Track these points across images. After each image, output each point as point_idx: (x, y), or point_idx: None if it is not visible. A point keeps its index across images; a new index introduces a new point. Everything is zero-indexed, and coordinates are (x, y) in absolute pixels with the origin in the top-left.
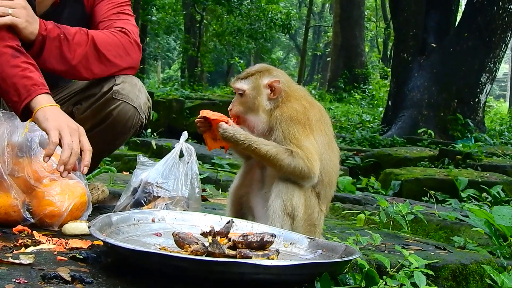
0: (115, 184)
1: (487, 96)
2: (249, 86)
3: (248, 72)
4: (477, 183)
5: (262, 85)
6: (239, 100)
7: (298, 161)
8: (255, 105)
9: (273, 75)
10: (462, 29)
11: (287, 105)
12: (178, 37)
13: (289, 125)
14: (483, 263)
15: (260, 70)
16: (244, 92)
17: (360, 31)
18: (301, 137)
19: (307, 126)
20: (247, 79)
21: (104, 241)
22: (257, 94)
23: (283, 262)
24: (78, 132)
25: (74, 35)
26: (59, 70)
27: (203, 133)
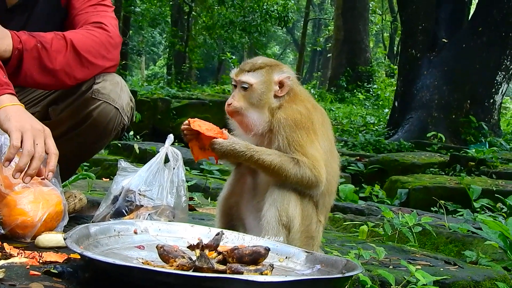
0: (93, 192)
1: (503, 97)
2: (257, 79)
3: (255, 64)
4: (491, 192)
5: (272, 81)
6: (242, 93)
7: (305, 170)
8: (262, 102)
9: (284, 71)
10: (476, 23)
11: (291, 106)
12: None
13: (293, 131)
14: (497, 279)
15: (270, 64)
16: (251, 86)
17: (364, 25)
18: (306, 144)
19: (311, 131)
20: (256, 72)
21: (81, 254)
22: (266, 89)
23: (278, 278)
24: (44, 134)
25: (52, 42)
26: (42, 83)
27: (189, 142)
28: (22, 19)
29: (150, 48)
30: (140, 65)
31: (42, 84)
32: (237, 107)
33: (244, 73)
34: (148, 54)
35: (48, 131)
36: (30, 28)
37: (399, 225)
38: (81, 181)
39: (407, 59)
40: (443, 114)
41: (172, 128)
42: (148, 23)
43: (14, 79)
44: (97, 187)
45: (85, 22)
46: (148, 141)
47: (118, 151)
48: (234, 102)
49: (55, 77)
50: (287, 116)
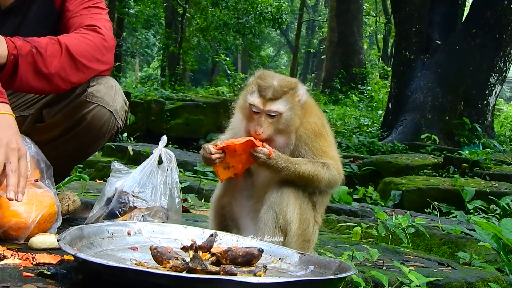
0: (87, 194)
1: (496, 98)
2: (286, 107)
3: (276, 90)
4: (485, 194)
5: (298, 103)
6: (270, 121)
7: (333, 172)
8: (290, 127)
9: (299, 88)
10: (470, 25)
11: (308, 119)
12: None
13: (314, 141)
14: (490, 281)
15: (291, 86)
16: (280, 115)
17: (358, 27)
18: (328, 149)
19: (326, 135)
20: (282, 99)
21: (74, 256)
22: (294, 114)
23: (271, 279)
24: (18, 153)
25: (47, 47)
26: (38, 88)
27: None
28: (16, 21)
29: (144, 50)
30: (134, 67)
31: (37, 89)
32: (267, 136)
33: (272, 102)
34: (142, 55)
35: (23, 151)
36: (24, 30)
37: (392, 226)
38: (75, 182)
39: (401, 61)
40: (437, 115)
41: (166, 130)
42: (142, 24)
43: (10, 84)
44: (90, 189)
45: (79, 25)
46: (141, 142)
47: (112, 153)
48: (265, 131)
49: (50, 82)
50: (306, 130)
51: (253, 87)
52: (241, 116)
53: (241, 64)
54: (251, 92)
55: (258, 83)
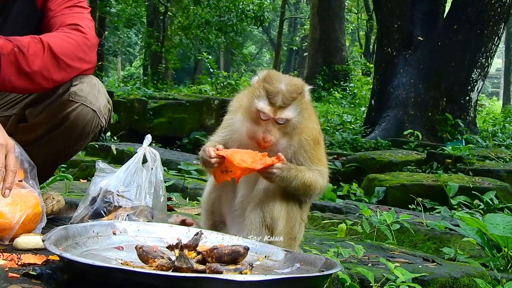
0: (71, 193)
1: (478, 94)
2: (295, 113)
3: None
4: (468, 189)
5: (304, 107)
6: (277, 127)
7: (325, 179)
8: (296, 130)
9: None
10: (451, 21)
11: (309, 125)
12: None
13: (313, 149)
14: (475, 276)
15: (298, 90)
16: (288, 121)
17: (340, 24)
18: (322, 156)
19: (322, 141)
20: (292, 105)
21: (60, 256)
22: (301, 118)
23: (257, 277)
24: (5, 149)
25: (29, 46)
26: (20, 87)
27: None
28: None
29: (126, 49)
30: (116, 66)
31: (20, 88)
32: (276, 140)
33: (281, 110)
34: (124, 54)
35: (11, 146)
36: (6, 30)
37: (377, 223)
38: (59, 182)
39: (383, 58)
40: (420, 112)
41: (149, 129)
42: (123, 23)
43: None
44: (74, 189)
45: (61, 24)
46: (125, 142)
47: (95, 152)
48: (273, 138)
49: (33, 81)
50: (308, 137)
51: (261, 91)
52: (243, 118)
53: (223, 62)
54: (258, 96)
55: (266, 88)
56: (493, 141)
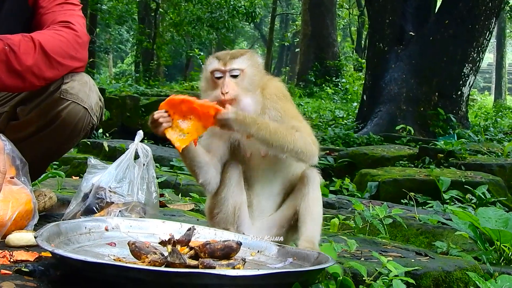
0: (63, 190)
1: (470, 89)
2: (247, 64)
3: (234, 53)
4: (460, 184)
5: (258, 62)
6: (234, 81)
7: (306, 137)
8: (254, 84)
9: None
10: (443, 16)
11: (272, 83)
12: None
13: (284, 102)
14: (467, 270)
15: (247, 51)
16: (242, 71)
17: (332, 19)
18: (297, 115)
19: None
20: (241, 58)
21: (52, 252)
22: (256, 71)
23: (250, 272)
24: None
25: (20, 44)
26: (11, 86)
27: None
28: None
29: (117, 46)
30: (108, 63)
31: (11, 86)
32: (234, 95)
33: (232, 61)
34: (115, 51)
35: (0, 147)
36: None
37: (370, 217)
38: (51, 179)
39: (375, 53)
40: (412, 107)
41: (141, 125)
42: (115, 20)
43: None
44: (66, 185)
45: (52, 22)
46: (117, 138)
47: (87, 149)
48: (230, 91)
49: (24, 79)
50: (276, 90)
51: (211, 58)
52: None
53: None
54: (210, 63)
55: (215, 55)
56: (485, 135)
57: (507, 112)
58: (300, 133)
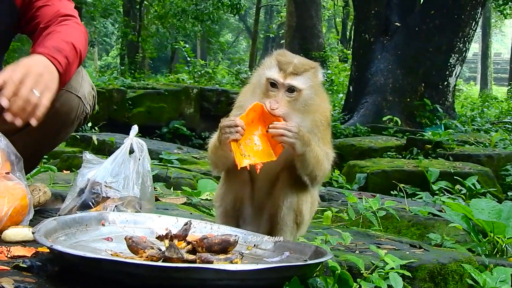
0: (56, 185)
1: (456, 79)
2: (307, 84)
3: (298, 66)
4: (449, 175)
5: (319, 83)
6: (288, 98)
7: (330, 162)
8: (309, 107)
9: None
10: (428, 6)
11: (323, 105)
12: (116, 20)
13: (325, 130)
14: (462, 261)
15: (312, 65)
16: (300, 91)
17: (317, 10)
18: (330, 139)
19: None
20: (303, 76)
21: (50, 248)
22: (314, 94)
23: (248, 266)
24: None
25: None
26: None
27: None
28: None
29: (102, 39)
30: (93, 56)
31: None
32: (283, 112)
33: (293, 76)
34: (100, 44)
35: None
36: None
37: (363, 209)
38: (42, 174)
39: (361, 44)
40: (398, 97)
41: (128, 119)
42: (99, 13)
43: None
44: (58, 180)
45: (56, 14)
46: (104, 132)
47: (76, 143)
48: (281, 108)
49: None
50: (322, 117)
51: (272, 62)
52: (254, 94)
53: (200, 51)
54: (269, 67)
55: (278, 59)
56: (472, 125)
57: (493, 102)
58: (328, 160)
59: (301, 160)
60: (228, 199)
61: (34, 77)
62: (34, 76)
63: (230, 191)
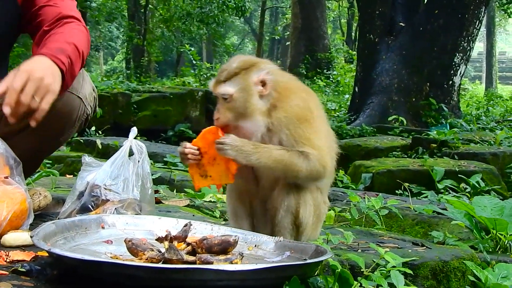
0: (58, 189)
1: (461, 78)
2: (236, 88)
3: (229, 71)
4: (454, 173)
5: (252, 84)
6: (225, 106)
7: (314, 163)
8: (249, 110)
9: (261, 67)
10: (433, 6)
11: (288, 102)
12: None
13: (297, 126)
14: (464, 259)
15: (245, 66)
16: (231, 97)
17: (322, 12)
18: (312, 136)
19: (312, 120)
20: (232, 80)
21: (49, 252)
22: (247, 95)
23: (248, 266)
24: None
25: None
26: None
27: (190, 167)
28: None
29: (107, 43)
30: (98, 61)
31: None
32: (225, 121)
33: (220, 84)
34: (106, 49)
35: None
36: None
37: (365, 209)
38: (45, 178)
39: (366, 45)
40: (403, 97)
41: (133, 122)
42: (104, 17)
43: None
44: (61, 184)
45: (58, 16)
46: (110, 136)
47: (80, 147)
48: (221, 116)
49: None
50: (287, 114)
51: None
52: None
53: (206, 54)
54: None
55: (221, 67)
56: (477, 124)
57: (498, 101)
58: (307, 160)
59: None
60: (234, 197)
61: (35, 83)
62: (35, 81)
63: (235, 189)
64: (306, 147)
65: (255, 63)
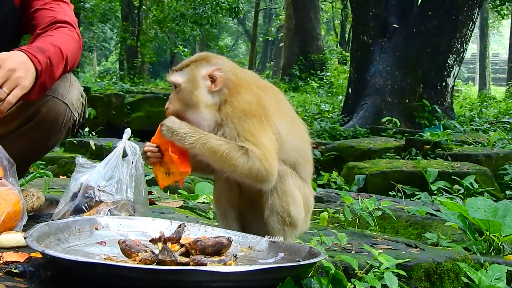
0: (51, 190)
1: (455, 80)
2: (184, 78)
3: (183, 63)
4: (448, 174)
5: (199, 77)
6: (176, 96)
7: (255, 161)
8: (193, 101)
9: (212, 63)
10: (426, 7)
11: (237, 98)
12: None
13: (243, 121)
14: (458, 260)
15: (197, 59)
16: (179, 86)
17: (315, 13)
18: (258, 133)
19: (264, 117)
20: (182, 71)
21: (42, 253)
22: (193, 87)
23: (242, 268)
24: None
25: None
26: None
27: (153, 166)
28: None
29: (101, 44)
30: (92, 61)
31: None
32: (173, 110)
33: (173, 73)
34: (99, 50)
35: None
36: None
37: (359, 210)
38: (38, 179)
39: (359, 46)
40: (397, 99)
41: (127, 123)
42: (98, 18)
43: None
44: (54, 185)
45: (53, 20)
46: (103, 137)
47: (73, 148)
48: (170, 105)
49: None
50: (234, 109)
51: None
52: None
53: None
54: None
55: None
56: (470, 126)
57: (492, 102)
58: (248, 157)
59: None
60: (223, 201)
61: (5, 72)
62: (5, 71)
63: (222, 193)
64: (248, 143)
65: (207, 58)
